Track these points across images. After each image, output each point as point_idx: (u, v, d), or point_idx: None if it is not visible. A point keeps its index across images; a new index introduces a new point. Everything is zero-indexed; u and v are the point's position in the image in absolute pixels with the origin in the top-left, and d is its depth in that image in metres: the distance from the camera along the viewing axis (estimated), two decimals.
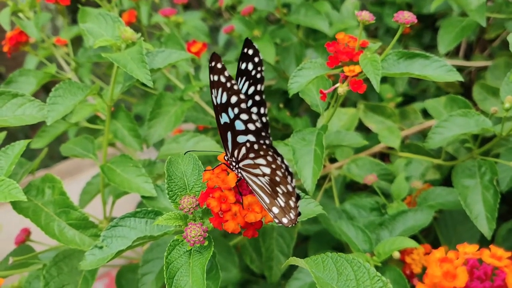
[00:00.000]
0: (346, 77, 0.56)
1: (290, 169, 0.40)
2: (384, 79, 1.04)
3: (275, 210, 0.43)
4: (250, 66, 0.44)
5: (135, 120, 0.76)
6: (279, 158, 0.40)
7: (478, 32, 1.06)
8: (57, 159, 1.73)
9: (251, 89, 0.45)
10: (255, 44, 0.44)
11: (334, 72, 0.57)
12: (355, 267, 0.40)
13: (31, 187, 0.60)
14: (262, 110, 0.46)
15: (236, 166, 0.44)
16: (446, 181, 0.75)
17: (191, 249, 0.46)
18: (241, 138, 0.43)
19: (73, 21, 1.64)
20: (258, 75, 0.45)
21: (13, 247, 0.68)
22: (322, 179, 0.81)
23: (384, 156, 0.99)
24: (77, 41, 0.96)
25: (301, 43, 0.96)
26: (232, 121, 0.42)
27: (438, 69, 0.55)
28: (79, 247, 0.57)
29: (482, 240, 0.66)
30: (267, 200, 0.43)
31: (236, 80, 0.44)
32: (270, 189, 0.42)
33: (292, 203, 0.42)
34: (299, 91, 0.59)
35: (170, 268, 0.44)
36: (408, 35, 1.14)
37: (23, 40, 0.79)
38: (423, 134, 0.89)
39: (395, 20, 0.53)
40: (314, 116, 0.89)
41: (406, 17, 0.52)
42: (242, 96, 0.41)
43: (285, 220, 0.43)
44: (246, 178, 0.43)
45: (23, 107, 0.58)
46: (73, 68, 0.87)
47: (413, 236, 0.65)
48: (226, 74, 0.40)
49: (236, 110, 0.41)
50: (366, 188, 0.84)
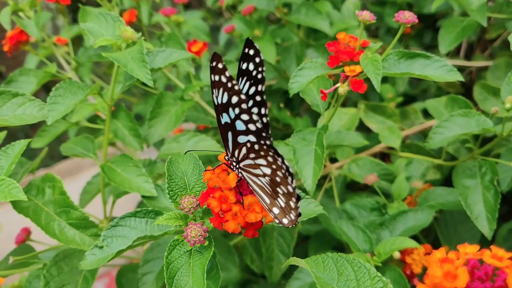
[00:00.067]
0: (347, 77, 0.56)
1: (291, 170, 0.40)
2: (385, 79, 1.04)
3: (276, 211, 0.43)
4: (251, 67, 0.44)
5: (136, 120, 0.75)
6: (280, 159, 0.39)
7: (479, 32, 1.06)
8: (58, 159, 1.73)
9: (252, 90, 0.45)
10: (256, 44, 0.44)
11: (335, 72, 0.57)
12: (356, 267, 0.40)
13: (32, 187, 0.60)
14: (263, 111, 0.46)
15: (237, 166, 0.44)
16: (447, 181, 0.75)
17: (192, 249, 0.46)
18: (242, 138, 0.43)
19: (74, 21, 1.64)
20: (259, 76, 0.45)
21: (13, 247, 0.68)
22: (323, 179, 0.81)
23: (385, 156, 0.99)
24: (78, 41, 0.96)
25: (302, 43, 0.95)
26: (233, 121, 0.42)
27: (439, 69, 0.54)
28: (80, 247, 0.57)
29: (483, 241, 0.66)
30: (268, 201, 0.43)
31: (237, 80, 0.44)
32: (271, 190, 0.42)
33: (293, 204, 0.42)
34: (300, 91, 0.58)
35: (171, 268, 0.44)
36: (409, 35, 1.13)
37: (24, 40, 0.79)
38: (424, 134, 0.89)
39: (396, 20, 0.53)
40: (315, 116, 0.88)
41: (407, 17, 0.52)
42: (243, 97, 0.41)
43: (286, 221, 0.43)
44: (247, 178, 0.43)
45: (24, 107, 0.58)
46: (74, 68, 0.87)
47: (414, 236, 0.65)
48: (227, 74, 0.40)
49: (237, 110, 0.41)
50: (367, 188, 0.84)
